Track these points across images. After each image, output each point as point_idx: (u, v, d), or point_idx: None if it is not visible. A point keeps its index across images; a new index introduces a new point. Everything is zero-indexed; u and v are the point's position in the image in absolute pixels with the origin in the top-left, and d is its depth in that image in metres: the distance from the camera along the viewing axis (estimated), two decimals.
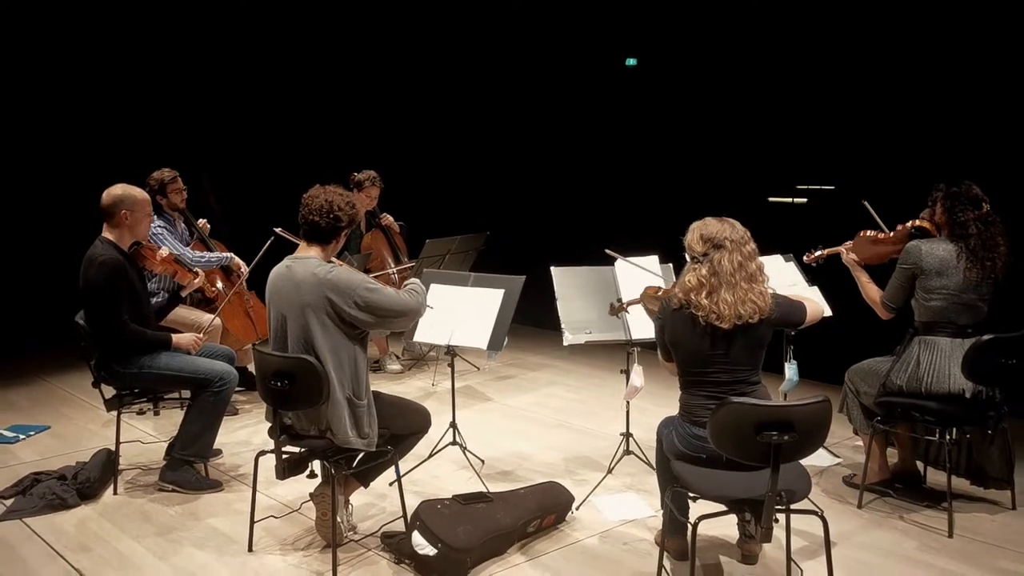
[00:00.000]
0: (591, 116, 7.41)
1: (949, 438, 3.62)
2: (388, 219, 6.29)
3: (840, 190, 5.97)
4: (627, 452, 4.14)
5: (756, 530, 2.73)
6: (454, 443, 4.24)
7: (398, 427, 3.38)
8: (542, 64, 7.52)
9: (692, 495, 2.89)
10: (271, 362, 3.15)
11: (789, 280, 4.30)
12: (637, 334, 3.95)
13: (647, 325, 3.66)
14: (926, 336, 3.71)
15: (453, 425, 4.26)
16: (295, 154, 7.47)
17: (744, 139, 6.38)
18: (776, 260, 4.35)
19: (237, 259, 5.21)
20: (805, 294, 3.87)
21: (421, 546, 3.19)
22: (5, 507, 3.82)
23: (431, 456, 4.22)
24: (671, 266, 4.11)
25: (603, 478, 4.05)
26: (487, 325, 4.04)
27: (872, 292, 3.93)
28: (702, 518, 2.77)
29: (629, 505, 3.85)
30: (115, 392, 4.00)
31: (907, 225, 3.94)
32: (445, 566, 3.18)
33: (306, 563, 3.33)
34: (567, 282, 4.10)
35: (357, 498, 3.68)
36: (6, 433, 4.84)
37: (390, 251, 6.26)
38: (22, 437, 4.80)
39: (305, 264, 3.18)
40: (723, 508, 2.83)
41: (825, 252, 4.24)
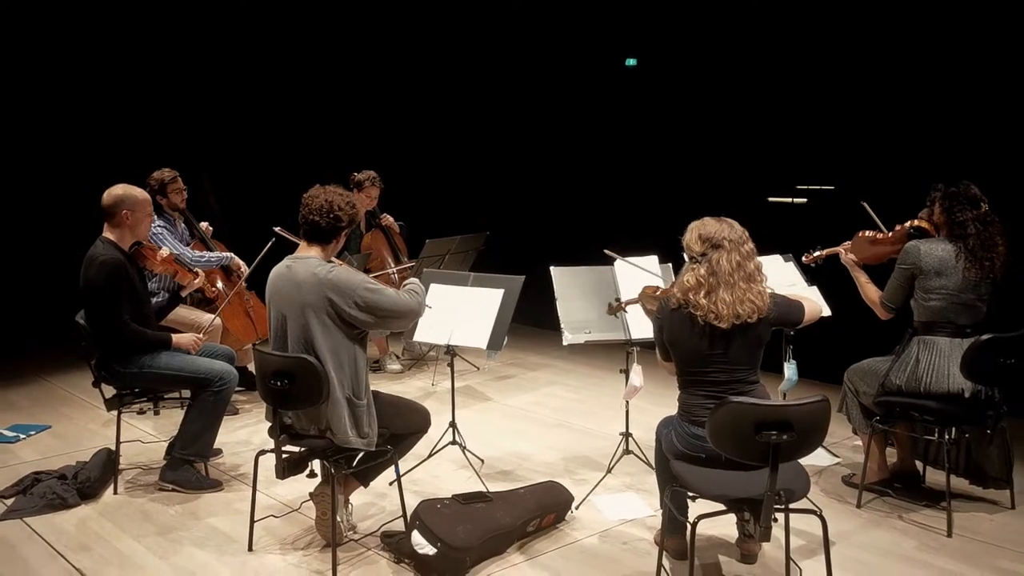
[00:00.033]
0: (591, 116, 7.40)
1: (948, 438, 3.62)
2: (388, 219, 6.29)
3: (840, 190, 5.97)
4: (626, 452, 4.15)
5: (755, 529, 2.73)
6: (454, 443, 4.24)
7: (398, 427, 3.39)
8: (542, 64, 7.52)
9: (691, 494, 2.90)
10: (271, 362, 3.16)
11: (788, 280, 4.29)
12: (636, 334, 3.96)
13: (646, 325, 3.66)
14: (925, 336, 3.71)
15: (453, 425, 4.27)
16: (295, 154, 7.47)
17: (744, 139, 6.38)
18: (775, 260, 4.35)
19: (237, 259, 5.22)
20: (804, 294, 3.88)
21: (421, 545, 3.19)
22: (6, 507, 3.83)
23: (431, 456, 4.22)
24: (670, 266, 4.11)
25: (602, 477, 4.06)
26: (487, 325, 4.05)
27: (871, 292, 3.93)
28: (701, 517, 2.77)
29: (628, 505, 3.85)
30: (115, 392, 4.01)
31: (906, 225, 3.94)
32: (444, 565, 3.18)
33: (306, 562, 3.34)
34: (567, 282, 4.11)
35: (357, 497, 3.69)
36: (6, 433, 4.84)
37: (390, 251, 6.26)
38: (22, 437, 4.81)
39: (305, 264, 3.18)
40: (722, 507, 2.84)
41: (824, 252, 4.24)
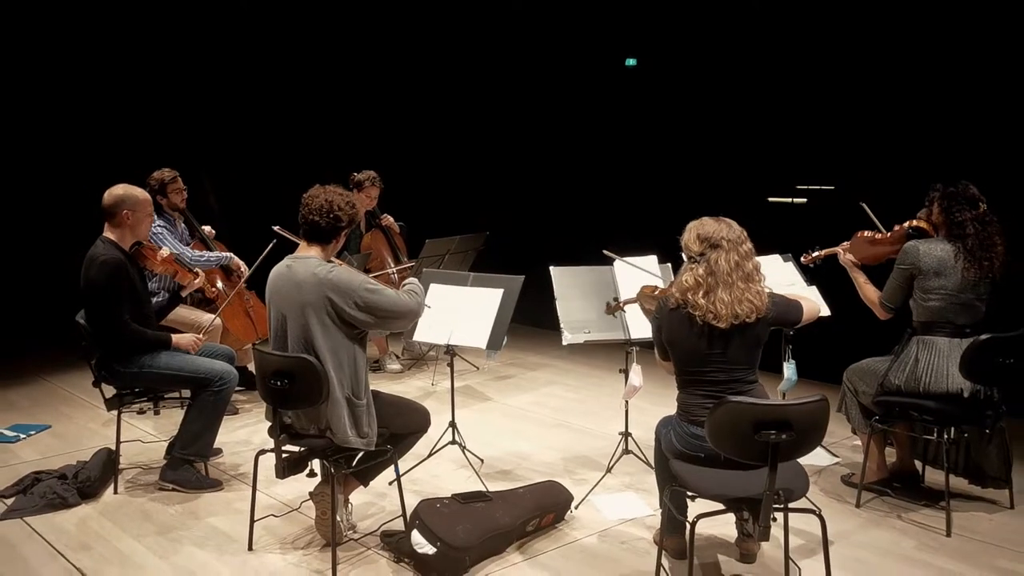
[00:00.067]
0: (591, 116, 7.41)
1: (947, 437, 3.62)
2: (388, 219, 6.30)
3: (840, 190, 5.97)
4: (626, 451, 4.16)
5: (754, 529, 2.73)
6: (453, 442, 4.24)
7: (397, 426, 3.39)
8: (542, 64, 7.53)
9: (690, 494, 2.90)
10: (271, 361, 3.16)
11: (788, 280, 4.29)
12: (636, 334, 3.96)
13: (645, 325, 3.66)
14: (924, 336, 3.71)
15: (452, 424, 4.27)
16: (295, 154, 7.47)
17: (744, 139, 6.39)
18: (775, 260, 4.36)
19: (236, 259, 5.22)
20: (803, 293, 3.88)
21: (420, 545, 3.20)
22: (6, 506, 3.83)
23: (430, 455, 4.22)
24: (669, 266, 4.11)
25: (602, 477, 4.06)
26: (486, 325, 4.05)
27: (870, 293, 3.93)
28: (700, 517, 2.78)
29: (628, 504, 3.85)
30: (115, 391, 4.02)
31: (904, 225, 3.94)
32: (444, 565, 3.19)
33: (306, 562, 3.35)
34: (566, 282, 4.11)
35: (357, 497, 3.69)
36: (7, 432, 4.85)
37: (390, 251, 6.27)
38: (23, 436, 4.82)
39: (305, 264, 3.18)
40: (721, 507, 2.84)
41: (822, 253, 4.24)
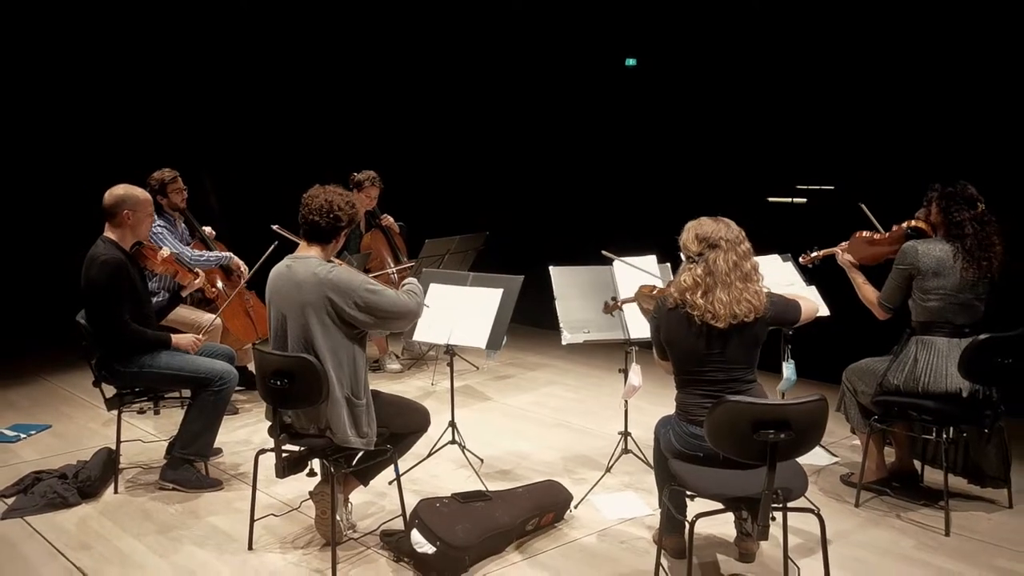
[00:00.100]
0: (590, 116, 7.41)
1: (946, 437, 3.63)
2: (388, 219, 6.30)
3: (840, 190, 5.98)
4: (625, 451, 4.16)
5: (753, 528, 2.74)
6: (453, 442, 4.25)
7: (397, 426, 3.40)
8: (542, 64, 7.53)
9: (689, 493, 2.91)
10: (271, 361, 3.17)
11: (787, 280, 4.29)
12: (635, 333, 3.96)
13: (645, 324, 3.66)
14: (923, 336, 3.71)
15: (452, 424, 4.28)
16: (295, 154, 7.48)
17: (744, 139, 6.39)
18: (774, 260, 4.36)
19: (236, 259, 5.23)
20: (802, 293, 3.88)
21: (420, 544, 3.20)
22: (6, 505, 3.84)
23: (430, 455, 4.23)
24: (668, 266, 4.11)
25: (601, 477, 4.07)
26: (486, 324, 4.05)
27: (868, 293, 3.93)
28: (699, 516, 2.78)
29: (627, 504, 3.86)
30: (116, 391, 4.02)
31: (903, 226, 3.94)
32: (444, 564, 3.19)
33: (306, 561, 3.35)
34: (566, 282, 4.11)
35: (356, 496, 3.70)
36: (7, 432, 4.86)
37: (390, 251, 6.27)
38: (23, 436, 4.82)
39: (306, 264, 3.19)
40: (720, 506, 2.85)
41: (821, 253, 4.24)
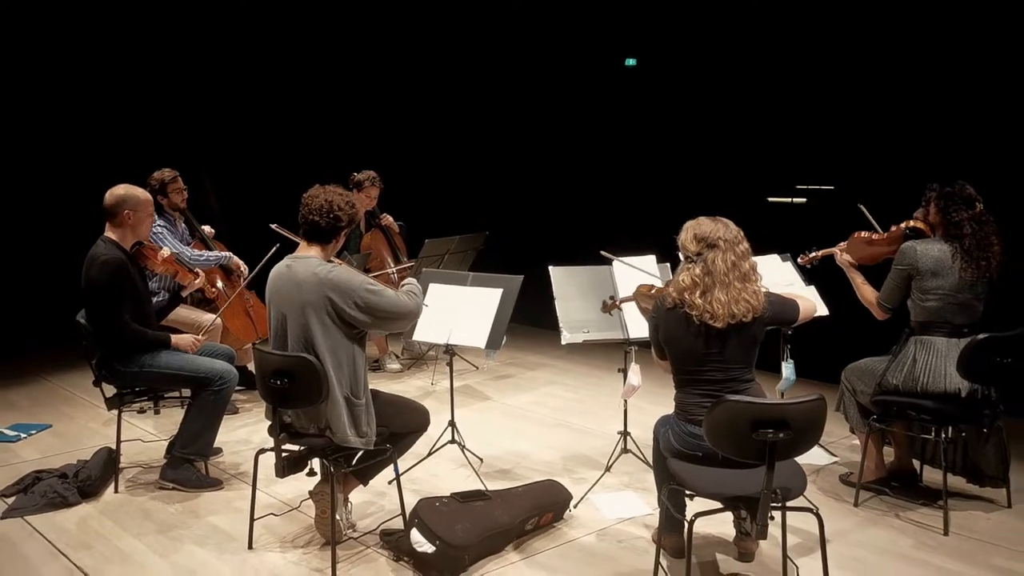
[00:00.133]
0: (590, 116, 7.42)
1: (945, 437, 3.63)
2: (388, 219, 6.31)
3: (839, 190, 5.98)
4: (625, 450, 4.16)
5: (752, 527, 2.74)
6: (453, 442, 4.25)
7: (397, 425, 3.40)
8: (542, 64, 7.54)
9: (688, 493, 2.91)
10: (271, 361, 3.17)
11: (786, 279, 4.29)
12: (635, 333, 3.97)
13: (644, 324, 3.67)
14: (922, 336, 3.72)
15: (452, 424, 4.28)
16: (295, 154, 7.48)
17: (744, 139, 6.39)
18: (773, 260, 4.36)
19: (236, 258, 5.23)
20: (801, 293, 3.89)
21: (419, 543, 3.21)
22: (7, 505, 3.84)
23: (430, 454, 4.24)
24: (668, 266, 4.11)
25: (601, 476, 4.07)
26: (485, 324, 4.06)
27: (867, 293, 3.94)
28: (698, 515, 2.79)
29: (627, 503, 3.87)
30: (116, 391, 4.03)
31: (901, 226, 3.94)
32: (443, 563, 3.20)
33: (306, 560, 3.36)
34: (565, 281, 4.12)
35: (356, 496, 3.70)
36: (7, 432, 4.86)
37: (389, 251, 6.28)
38: (23, 436, 4.83)
39: (306, 264, 3.19)
40: (719, 506, 2.85)
41: (820, 253, 4.24)
